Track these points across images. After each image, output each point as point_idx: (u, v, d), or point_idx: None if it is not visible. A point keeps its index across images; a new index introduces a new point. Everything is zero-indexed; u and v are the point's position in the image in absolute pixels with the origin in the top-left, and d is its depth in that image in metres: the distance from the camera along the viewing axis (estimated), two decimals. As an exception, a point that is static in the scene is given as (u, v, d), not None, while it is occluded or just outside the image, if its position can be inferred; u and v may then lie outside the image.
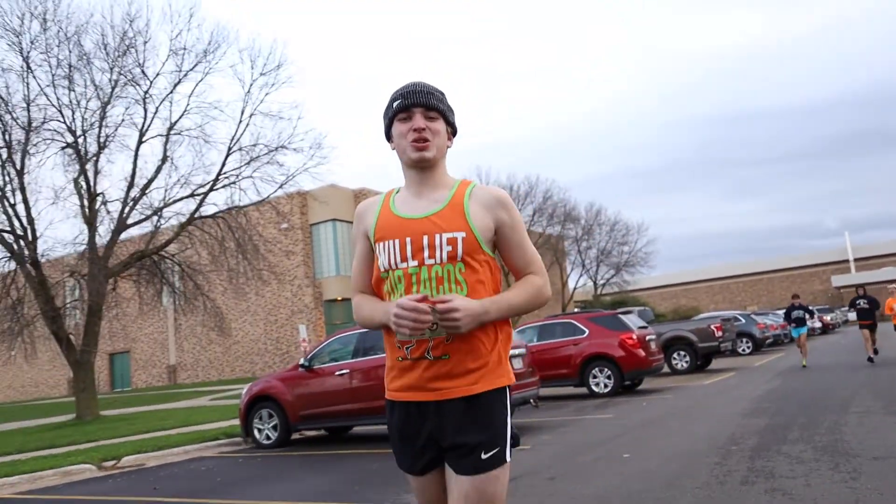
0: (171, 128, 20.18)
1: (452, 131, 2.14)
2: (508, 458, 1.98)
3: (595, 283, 51.71)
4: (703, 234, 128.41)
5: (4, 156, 18.58)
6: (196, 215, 20.11)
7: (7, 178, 18.42)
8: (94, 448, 10.69)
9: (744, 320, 25.33)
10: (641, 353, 13.67)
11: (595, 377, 13.84)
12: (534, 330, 14.94)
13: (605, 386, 13.69)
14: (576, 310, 53.95)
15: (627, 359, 13.61)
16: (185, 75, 19.81)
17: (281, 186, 21.26)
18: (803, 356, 16.47)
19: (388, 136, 2.12)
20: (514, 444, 2.01)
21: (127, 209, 19.43)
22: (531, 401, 9.82)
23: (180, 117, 20.16)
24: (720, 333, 18.25)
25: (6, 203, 18.44)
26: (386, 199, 2.13)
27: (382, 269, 2.04)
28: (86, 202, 19.42)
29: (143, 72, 19.40)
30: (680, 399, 11.91)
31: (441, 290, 1.94)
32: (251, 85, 20.00)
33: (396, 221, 2.04)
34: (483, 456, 1.93)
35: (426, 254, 1.97)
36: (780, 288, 69.09)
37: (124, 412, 20.83)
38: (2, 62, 18.40)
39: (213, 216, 20.55)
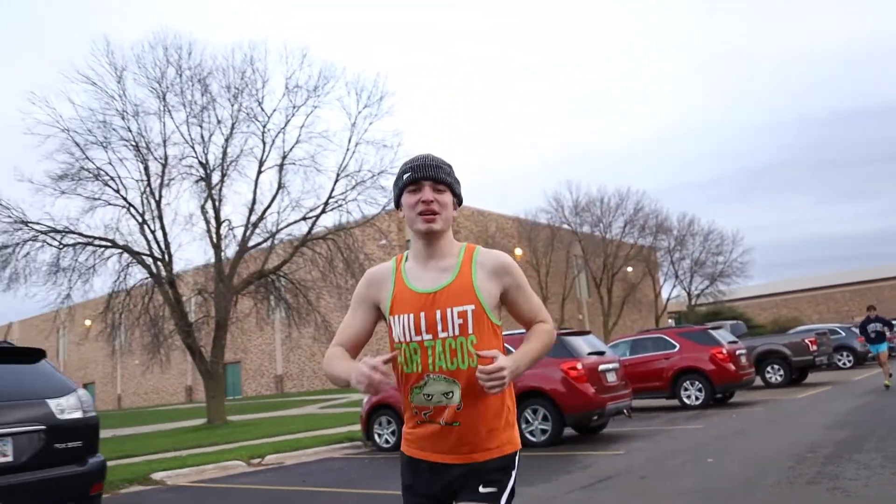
0: (284, 157, 22.16)
1: (458, 201, 2.27)
2: None
3: (689, 294, 51.23)
4: (803, 240, 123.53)
5: (143, 188, 20.99)
6: (308, 236, 21.99)
7: (148, 208, 20.80)
8: (239, 448, 12.31)
9: (843, 333, 25.01)
10: (732, 367, 14.25)
11: (686, 390, 14.51)
12: (626, 344, 15.75)
13: (697, 398, 14.34)
14: (670, 321, 53.56)
15: (718, 372, 14.22)
16: (298, 110, 21.76)
17: (384, 208, 22.90)
18: (886, 376, 14.99)
19: (398, 205, 2.25)
20: (510, 499, 2.18)
21: (248, 233, 21.49)
22: (624, 411, 10.72)
23: (292, 148, 22.11)
24: (815, 347, 18.40)
25: (147, 229, 20.81)
26: (397, 270, 2.23)
27: (397, 341, 2.15)
28: (212, 227, 21.60)
29: (261, 108, 21.49)
30: (770, 412, 12.48)
31: (454, 361, 2.08)
32: (357, 116, 21.76)
33: (410, 295, 2.15)
34: None
35: (439, 327, 2.08)
36: (891, 297, 65.78)
37: (246, 418, 22.86)
38: (142, 105, 20.80)
39: (323, 237, 22.38)
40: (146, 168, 20.72)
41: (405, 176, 2.18)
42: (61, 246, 20.17)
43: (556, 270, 41.73)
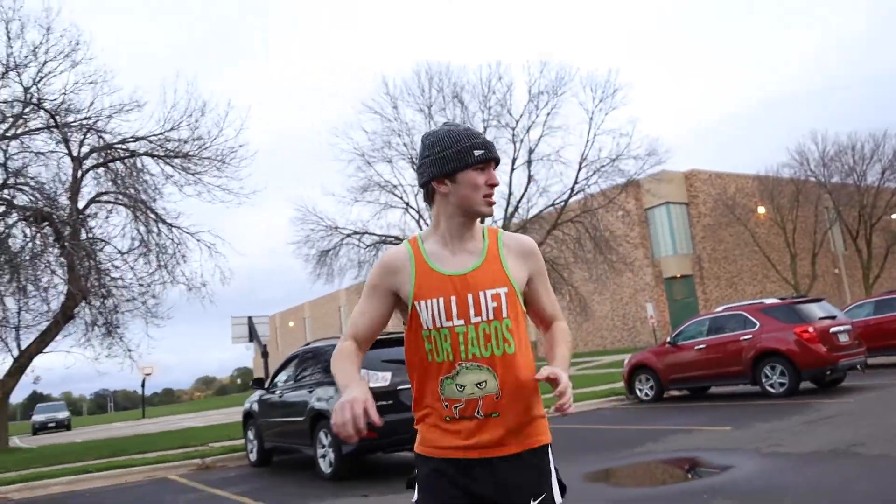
0: (531, 152, 25.30)
1: None
2: (559, 501, 2.05)
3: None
4: None
5: (418, 191, 25.38)
6: (558, 221, 25.02)
7: (426, 207, 25.18)
8: (527, 401, 15.69)
9: None
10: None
11: (937, 346, 15.20)
12: (871, 305, 16.64)
13: (947, 354, 15.01)
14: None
15: (968, 329, 14.77)
16: (540, 111, 24.73)
17: (623, 189, 25.17)
18: None
19: (447, 176, 2.02)
20: (563, 491, 2.08)
21: (507, 222, 25.04)
22: (858, 366, 12.27)
23: (538, 143, 25.13)
24: None
25: (424, 226, 25.20)
26: (416, 253, 2.07)
27: (425, 328, 2.00)
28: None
29: (510, 114, 24.79)
30: None
31: (489, 347, 1.97)
32: (593, 111, 24.18)
33: (437, 279, 2.01)
34: (533, 503, 2.00)
35: (472, 312, 1.98)
36: None
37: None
38: (413, 124, 25.13)
39: (570, 220, 25.26)
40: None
41: (476, 153, 2.02)
42: (365, 246, 25.28)
43: (803, 226, 40.52)
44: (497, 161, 2.07)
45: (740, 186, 41.84)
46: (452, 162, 2.01)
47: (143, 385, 46.35)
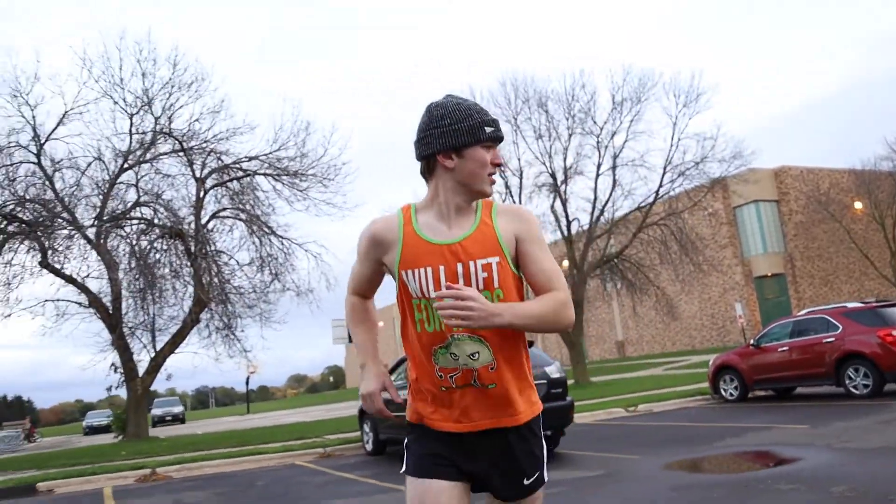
0: (616, 157, 25.91)
1: None
2: (546, 479, 2.13)
3: None
4: None
5: (504, 198, 26.41)
6: (643, 224, 25.56)
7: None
8: (615, 400, 16.51)
9: None
10: None
11: None
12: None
13: None
14: None
15: None
16: (624, 118, 25.33)
17: (709, 191, 25.45)
18: None
19: (452, 150, 1.98)
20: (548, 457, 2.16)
21: (593, 226, 25.77)
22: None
23: (622, 148, 25.72)
24: None
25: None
26: (406, 221, 2.04)
27: (415, 296, 1.99)
28: (562, 223, 26.31)
29: (594, 121, 25.49)
30: None
31: None
32: (676, 116, 24.58)
33: (426, 248, 1.98)
34: (526, 482, 2.06)
35: (461, 282, 1.93)
36: None
37: (601, 379, 27.30)
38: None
39: (656, 223, 25.74)
40: (506, 183, 26.15)
41: (487, 129, 1.99)
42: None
43: (904, 221, 39.23)
44: (501, 140, 2.06)
45: (834, 182, 40.86)
46: (463, 136, 1.97)
47: (247, 382, 49.45)
